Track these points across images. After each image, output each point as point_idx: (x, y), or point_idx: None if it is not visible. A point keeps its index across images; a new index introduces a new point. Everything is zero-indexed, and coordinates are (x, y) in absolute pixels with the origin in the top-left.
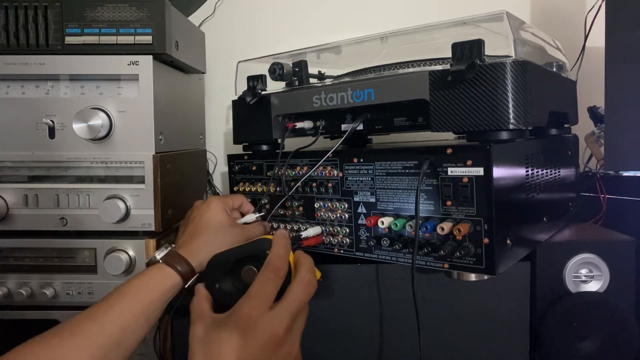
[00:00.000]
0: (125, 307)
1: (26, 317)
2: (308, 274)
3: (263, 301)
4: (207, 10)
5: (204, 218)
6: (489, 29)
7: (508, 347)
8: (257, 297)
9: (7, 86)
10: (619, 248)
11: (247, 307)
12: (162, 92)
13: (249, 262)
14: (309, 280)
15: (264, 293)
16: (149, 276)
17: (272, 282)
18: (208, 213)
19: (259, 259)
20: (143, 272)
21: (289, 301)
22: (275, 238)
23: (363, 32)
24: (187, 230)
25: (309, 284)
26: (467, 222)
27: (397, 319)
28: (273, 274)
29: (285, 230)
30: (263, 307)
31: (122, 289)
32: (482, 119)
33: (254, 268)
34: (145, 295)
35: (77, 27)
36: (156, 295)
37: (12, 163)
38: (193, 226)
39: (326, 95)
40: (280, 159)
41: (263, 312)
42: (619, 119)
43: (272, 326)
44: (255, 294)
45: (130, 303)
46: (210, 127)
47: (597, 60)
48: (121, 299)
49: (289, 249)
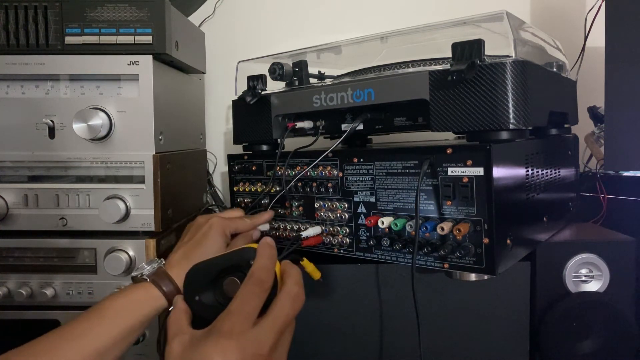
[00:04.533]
0: (104, 331)
1: (26, 317)
2: (295, 286)
3: (245, 317)
4: (207, 10)
5: (201, 240)
6: (489, 29)
7: (508, 347)
8: (239, 312)
9: (7, 86)
10: (619, 248)
11: (228, 324)
12: (162, 92)
13: (231, 273)
14: (296, 293)
15: (246, 308)
16: (133, 296)
17: (256, 295)
18: (207, 235)
19: (242, 269)
20: (127, 290)
21: (274, 317)
22: (260, 247)
23: (363, 32)
24: (182, 248)
25: (296, 298)
26: (467, 222)
27: (397, 319)
28: (257, 287)
29: (270, 238)
30: (245, 324)
31: (103, 308)
32: (482, 119)
33: (237, 280)
34: (126, 318)
35: (77, 27)
36: (138, 318)
37: (12, 163)
38: (190, 246)
39: (326, 95)
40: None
41: (245, 329)
42: (619, 119)
43: (256, 345)
44: (237, 309)
45: (110, 326)
46: (210, 127)
47: (597, 60)
48: (100, 321)
49: (275, 259)
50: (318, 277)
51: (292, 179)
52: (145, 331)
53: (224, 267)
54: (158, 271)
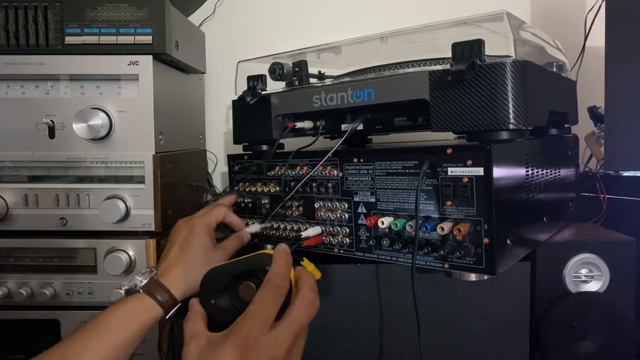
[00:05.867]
0: (101, 346)
1: (26, 317)
2: (311, 292)
3: (263, 321)
4: (207, 10)
5: (186, 243)
6: (489, 29)
7: (508, 347)
8: (257, 316)
9: (7, 86)
10: (619, 248)
11: (246, 327)
12: (162, 92)
13: (247, 278)
14: (311, 299)
15: (263, 312)
16: (128, 308)
17: (273, 300)
18: (190, 237)
19: (258, 275)
20: (121, 303)
21: (290, 321)
22: (276, 254)
23: (363, 32)
24: (170, 254)
25: (311, 304)
26: (467, 222)
27: (397, 319)
28: (274, 292)
29: (285, 245)
30: (263, 328)
31: (99, 322)
32: (482, 119)
33: (253, 285)
34: (122, 331)
35: (77, 27)
36: (134, 330)
37: (12, 163)
38: (175, 251)
39: (326, 95)
40: (280, 159)
41: (263, 332)
42: (619, 119)
43: (272, 348)
44: (254, 313)
45: (106, 341)
46: (210, 127)
47: (597, 60)
48: (97, 335)
49: (290, 265)
50: (318, 277)
51: (293, 180)
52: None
53: (239, 271)
54: (151, 281)
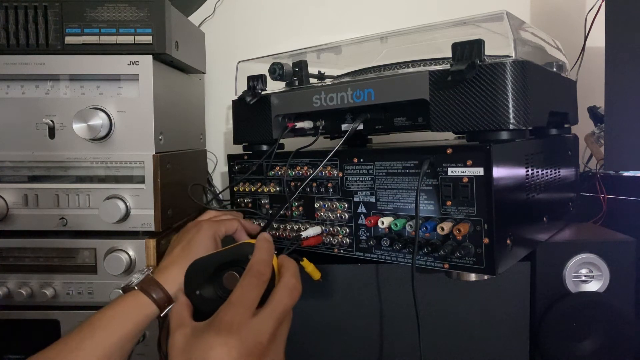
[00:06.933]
0: (97, 343)
1: (26, 317)
2: (292, 278)
3: (245, 307)
4: (207, 10)
5: (189, 244)
6: (489, 29)
7: (508, 347)
8: (239, 303)
9: (7, 86)
10: (619, 248)
11: (229, 314)
12: (162, 92)
13: (230, 267)
14: (293, 284)
15: (246, 299)
16: (123, 306)
17: (255, 287)
18: (195, 239)
19: (241, 264)
20: (116, 301)
21: (273, 307)
22: (258, 242)
23: (363, 32)
24: (172, 253)
25: (293, 289)
26: (467, 222)
27: (397, 319)
28: (256, 278)
29: (267, 234)
30: (246, 314)
31: (94, 321)
32: (482, 119)
33: (236, 274)
34: (117, 328)
35: (77, 27)
36: (129, 327)
37: (12, 163)
38: (177, 250)
39: (326, 95)
40: (280, 159)
41: (246, 318)
42: (619, 119)
43: (256, 333)
44: (237, 300)
45: (102, 338)
46: (210, 127)
47: (597, 60)
48: (92, 333)
49: (272, 253)
50: (318, 277)
51: (293, 180)
52: (145, 331)
53: (223, 262)
54: (146, 279)
